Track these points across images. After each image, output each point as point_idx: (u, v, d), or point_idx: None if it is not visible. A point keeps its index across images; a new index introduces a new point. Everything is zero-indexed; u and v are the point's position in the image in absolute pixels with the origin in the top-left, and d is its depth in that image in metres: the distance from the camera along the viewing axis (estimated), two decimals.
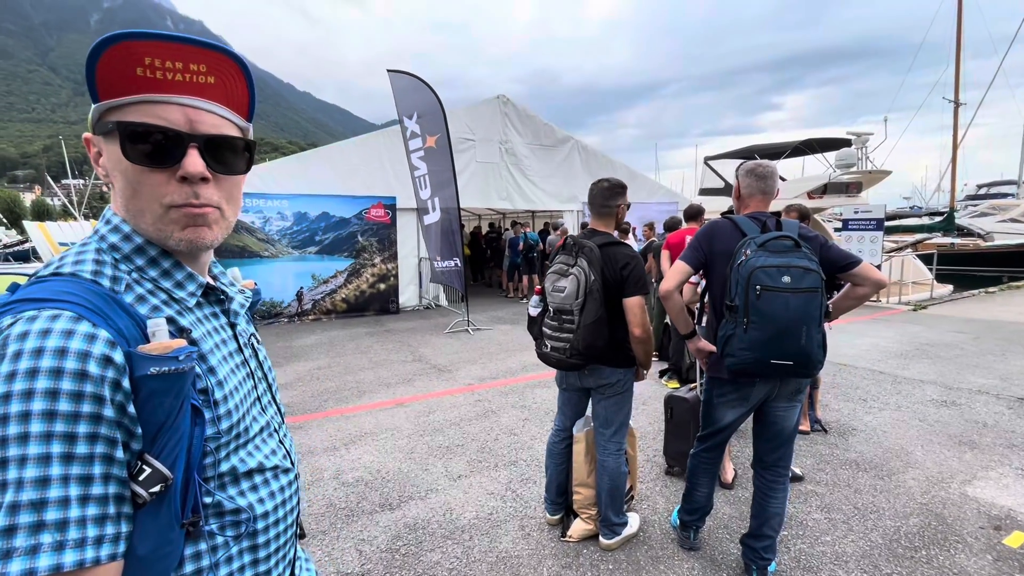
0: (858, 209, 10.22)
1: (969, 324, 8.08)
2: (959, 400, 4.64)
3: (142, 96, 0.62)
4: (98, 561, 0.52)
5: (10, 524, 0.48)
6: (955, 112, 19.01)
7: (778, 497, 2.28)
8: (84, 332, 0.54)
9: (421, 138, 8.37)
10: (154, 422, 0.57)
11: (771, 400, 2.22)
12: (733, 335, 2.03)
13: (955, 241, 18.07)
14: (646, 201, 12.45)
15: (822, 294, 1.95)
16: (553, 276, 2.44)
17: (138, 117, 0.62)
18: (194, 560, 0.64)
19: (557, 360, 2.41)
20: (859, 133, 16.35)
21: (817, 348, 1.97)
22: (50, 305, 0.55)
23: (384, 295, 9.72)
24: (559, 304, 2.37)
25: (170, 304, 0.68)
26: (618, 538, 2.58)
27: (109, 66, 0.60)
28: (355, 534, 2.74)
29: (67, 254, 0.65)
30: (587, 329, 2.27)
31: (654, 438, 3.89)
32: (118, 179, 0.65)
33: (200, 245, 0.68)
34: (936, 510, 2.89)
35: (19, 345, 0.51)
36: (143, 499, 0.56)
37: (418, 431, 4.13)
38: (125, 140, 0.61)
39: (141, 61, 0.60)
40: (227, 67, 0.65)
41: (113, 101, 0.62)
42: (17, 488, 0.49)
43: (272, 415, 0.80)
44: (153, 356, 0.57)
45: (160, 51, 0.60)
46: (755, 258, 1.97)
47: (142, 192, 0.64)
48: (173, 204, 0.65)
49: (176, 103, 0.63)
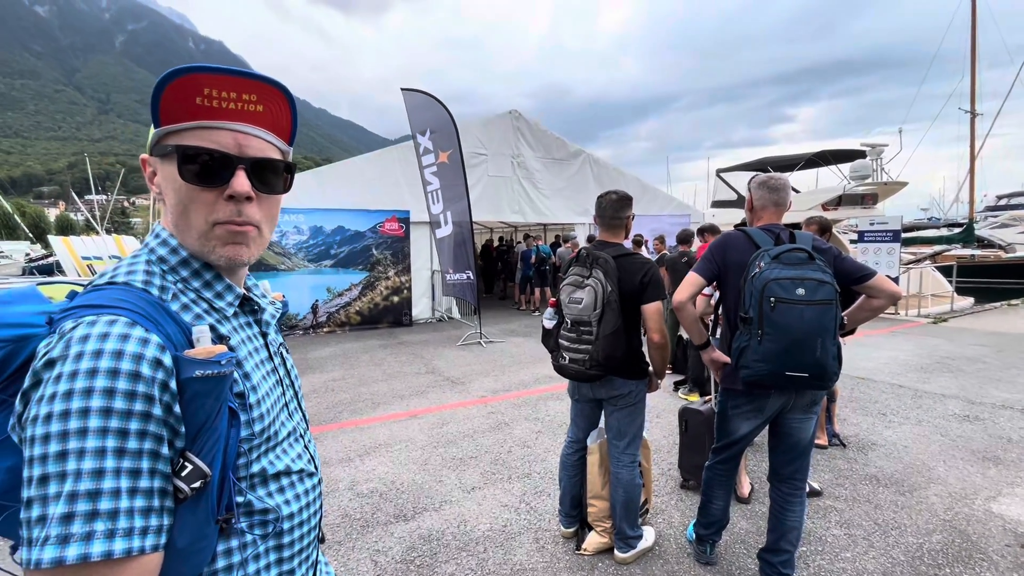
0: (874, 221, 10.12)
1: (991, 337, 7.91)
2: (982, 415, 4.54)
3: (198, 122, 0.67)
4: (143, 551, 0.55)
5: (69, 511, 0.52)
6: (971, 122, 18.80)
7: (795, 511, 2.26)
8: (138, 336, 0.58)
9: (434, 154, 8.50)
10: (196, 422, 0.61)
11: (786, 412, 2.21)
12: (747, 347, 2.03)
13: (975, 253, 17.74)
14: (658, 214, 12.46)
15: (837, 306, 1.94)
16: (568, 288, 2.46)
17: (193, 141, 0.68)
18: (225, 556, 0.67)
19: (575, 372, 2.42)
20: (873, 144, 16.19)
21: (832, 360, 1.96)
22: (108, 311, 0.59)
23: (398, 308, 9.80)
24: (576, 316, 2.38)
25: (211, 313, 0.73)
26: (633, 551, 2.56)
27: (173, 95, 0.65)
28: (370, 544, 2.76)
29: (120, 264, 0.70)
30: (606, 340, 2.29)
31: (669, 451, 3.87)
32: (170, 197, 0.70)
33: (238, 262, 0.73)
34: (960, 527, 2.83)
35: (81, 347, 0.56)
36: (184, 494, 0.59)
37: (432, 443, 4.14)
38: (181, 161, 0.67)
39: (201, 91, 0.66)
40: (274, 96, 0.71)
41: (173, 126, 0.67)
42: (76, 478, 0.52)
43: (298, 421, 0.84)
44: (198, 360, 0.61)
45: (218, 83, 0.66)
46: (769, 270, 1.97)
47: (191, 209, 0.70)
48: (219, 221, 0.70)
49: (227, 128, 0.69)
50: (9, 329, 0.64)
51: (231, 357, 0.65)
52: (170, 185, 0.70)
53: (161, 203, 0.73)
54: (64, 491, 0.52)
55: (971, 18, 18.62)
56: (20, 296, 0.69)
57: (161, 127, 0.67)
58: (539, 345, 7.76)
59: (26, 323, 0.65)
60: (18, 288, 0.71)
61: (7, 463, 0.62)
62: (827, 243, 2.20)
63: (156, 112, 0.66)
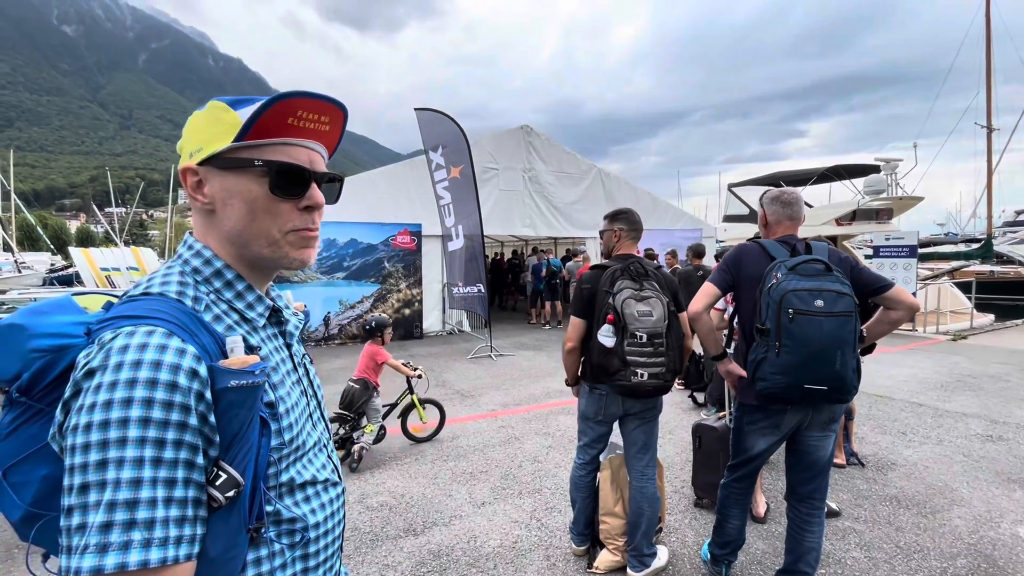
0: (890, 236, 9.99)
1: (1013, 355, 7.72)
2: (1006, 435, 4.41)
3: (282, 140, 0.71)
4: (177, 560, 0.56)
5: (107, 520, 0.53)
6: (988, 137, 18.60)
7: (814, 531, 2.20)
8: (175, 347, 0.59)
9: (446, 169, 8.60)
10: (230, 432, 0.62)
11: (804, 429, 2.16)
12: (765, 359, 1.99)
13: (994, 269, 17.41)
14: (669, 228, 12.42)
15: (856, 318, 1.91)
16: (631, 302, 2.32)
17: (276, 156, 0.71)
18: (255, 565, 0.67)
19: (655, 387, 2.31)
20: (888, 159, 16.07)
21: (852, 373, 1.92)
22: (145, 322, 0.61)
23: (409, 320, 9.83)
24: (652, 329, 2.28)
25: (242, 324, 0.74)
26: (648, 570, 2.51)
27: (271, 115, 0.68)
28: (380, 559, 2.73)
29: (154, 275, 0.71)
30: (678, 349, 2.35)
31: (681, 468, 3.80)
32: (238, 207, 0.71)
33: (308, 263, 0.78)
34: (985, 551, 2.74)
35: (120, 357, 0.57)
36: (219, 502, 0.60)
37: (442, 456, 4.12)
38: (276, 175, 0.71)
39: (295, 113, 0.70)
40: (339, 118, 0.76)
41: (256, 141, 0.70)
42: (115, 487, 0.53)
43: (321, 431, 0.84)
44: (233, 370, 0.62)
45: (311, 107, 0.71)
46: (786, 281, 1.94)
47: (265, 218, 0.72)
48: (295, 229, 0.74)
49: (303, 146, 0.74)
50: (48, 339, 0.65)
51: (264, 367, 0.66)
52: (239, 196, 0.71)
53: (206, 214, 0.73)
54: (104, 500, 0.53)
55: (986, 32, 18.54)
56: (56, 306, 0.70)
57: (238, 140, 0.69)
58: (550, 359, 7.73)
59: (65, 333, 0.66)
60: (54, 298, 0.73)
61: (43, 471, 0.63)
62: (844, 253, 2.16)
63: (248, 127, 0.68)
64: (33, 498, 0.63)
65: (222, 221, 0.73)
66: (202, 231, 0.75)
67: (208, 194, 0.72)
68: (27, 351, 0.64)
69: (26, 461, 0.63)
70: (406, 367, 4.28)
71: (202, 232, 0.75)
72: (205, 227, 0.74)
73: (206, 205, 0.72)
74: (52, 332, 0.65)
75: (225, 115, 0.70)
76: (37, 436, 0.63)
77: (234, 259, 0.75)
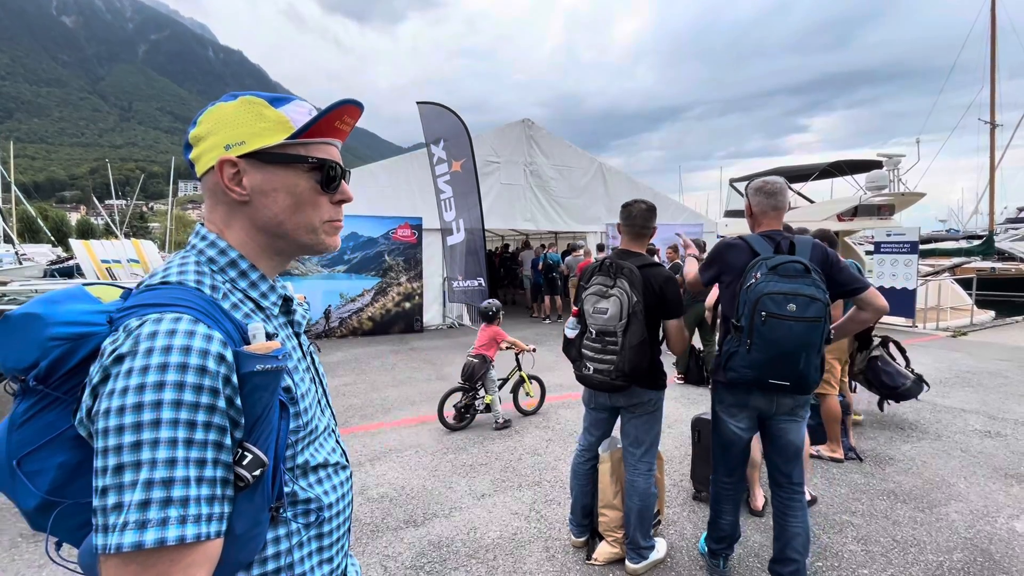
0: (891, 232, 9.98)
1: (1013, 351, 7.73)
2: (1004, 431, 4.43)
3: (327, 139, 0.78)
4: (209, 536, 0.58)
5: (145, 499, 0.55)
6: (991, 133, 18.53)
7: (797, 516, 2.27)
8: (203, 332, 0.61)
9: (447, 163, 8.58)
10: (253, 414, 0.64)
11: (773, 416, 2.27)
12: (736, 353, 2.13)
13: (996, 266, 17.40)
14: (670, 223, 12.40)
15: (825, 322, 2.01)
16: (592, 297, 2.44)
17: (320, 154, 0.77)
18: (274, 544, 0.70)
19: (600, 382, 2.40)
20: (890, 155, 15.98)
21: (814, 371, 2.06)
22: (171, 309, 0.62)
23: (409, 314, 9.85)
24: (602, 326, 2.37)
25: (257, 312, 0.76)
26: (645, 562, 2.53)
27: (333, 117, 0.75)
28: (380, 550, 2.76)
29: (170, 264, 0.73)
30: (632, 351, 2.29)
31: (680, 462, 3.82)
32: (283, 199, 0.75)
33: (337, 247, 0.84)
34: (982, 545, 2.76)
35: (150, 343, 0.58)
36: (245, 481, 0.62)
37: (442, 449, 4.14)
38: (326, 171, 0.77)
39: (343, 117, 0.77)
40: (357, 118, 0.82)
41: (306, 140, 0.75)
42: (151, 467, 0.55)
43: (329, 417, 0.87)
44: (257, 355, 0.64)
45: (354, 113, 0.78)
46: (764, 283, 2.04)
47: (308, 209, 0.77)
48: (331, 219, 0.81)
49: (334, 144, 0.80)
50: (67, 327, 0.66)
51: (285, 352, 0.69)
52: (285, 189, 0.75)
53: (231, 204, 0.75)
54: (140, 479, 0.55)
55: (990, 28, 18.42)
56: (70, 296, 0.71)
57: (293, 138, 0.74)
58: (550, 353, 7.74)
59: (85, 321, 0.67)
60: (66, 288, 0.73)
61: (60, 459, 0.64)
62: (830, 250, 2.24)
63: (308, 125, 0.73)
64: (50, 486, 0.64)
65: (259, 212, 0.75)
66: (222, 222, 0.76)
67: (247, 186, 0.74)
68: (45, 339, 0.65)
69: (43, 449, 0.64)
70: (521, 344, 4.87)
71: (222, 222, 0.76)
72: (228, 217, 0.76)
73: (242, 196, 0.74)
74: (71, 320, 0.66)
75: (267, 111, 0.73)
76: (54, 424, 0.64)
77: (261, 248, 0.78)
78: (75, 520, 0.66)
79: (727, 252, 2.32)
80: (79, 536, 0.68)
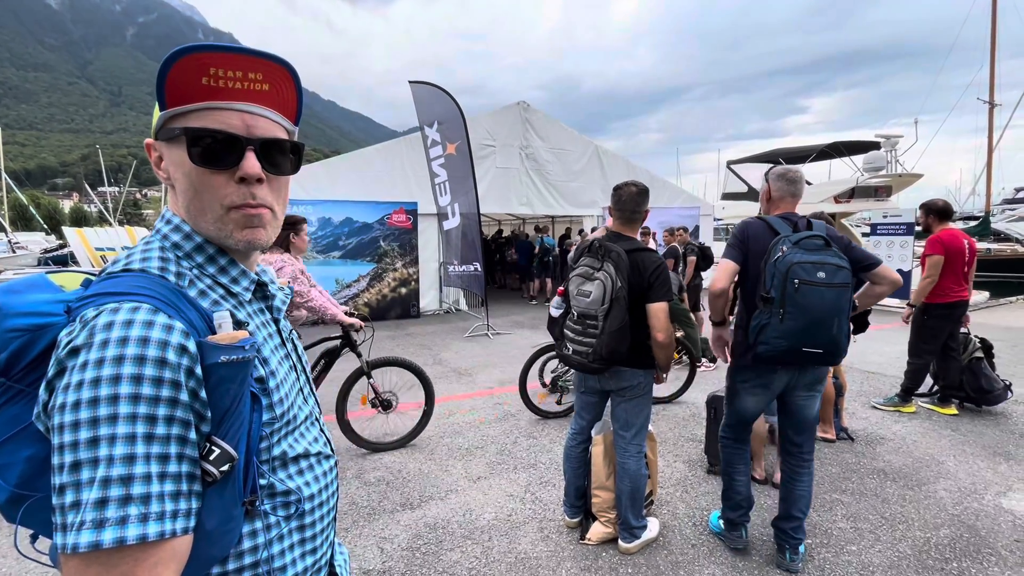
0: (887, 213, 9.97)
1: (1006, 332, 7.79)
2: (994, 409, 4.48)
3: (206, 103, 0.66)
4: (175, 533, 0.56)
5: (102, 496, 0.53)
6: (990, 113, 18.41)
7: (803, 481, 2.42)
8: (162, 323, 0.58)
9: (441, 145, 8.48)
10: (221, 407, 0.62)
11: (792, 390, 2.36)
12: (768, 324, 2.16)
13: (991, 247, 17.43)
14: (667, 206, 12.35)
15: (852, 289, 2.11)
16: (577, 279, 2.44)
17: (201, 123, 0.66)
18: (251, 537, 0.68)
19: (579, 363, 2.43)
20: (888, 135, 15.91)
21: (844, 338, 2.13)
22: (129, 298, 0.59)
23: (405, 299, 9.84)
24: (584, 309, 2.38)
25: (227, 299, 0.72)
26: (638, 542, 2.57)
27: (178, 76, 0.64)
28: (377, 532, 2.79)
29: (133, 251, 0.69)
30: (611, 335, 2.28)
31: (674, 444, 3.86)
32: (180, 181, 0.69)
33: (256, 245, 0.73)
34: (968, 522, 2.81)
35: (106, 334, 0.56)
36: (213, 477, 0.60)
37: (438, 433, 4.17)
38: (190, 143, 0.66)
39: (207, 71, 0.64)
40: (280, 75, 0.69)
41: (179, 108, 0.66)
42: (108, 464, 0.53)
43: (312, 405, 0.85)
44: (222, 345, 0.61)
45: (224, 61, 0.65)
46: (792, 254, 2.11)
47: (204, 193, 0.68)
48: (233, 205, 0.69)
49: (235, 109, 0.68)
50: (24, 318, 0.63)
51: (254, 342, 0.65)
52: (179, 169, 0.68)
53: (171, 188, 0.72)
54: (97, 477, 0.53)
55: (992, 6, 18.17)
56: (30, 285, 0.68)
57: (167, 109, 0.66)
58: (546, 337, 7.77)
59: (42, 312, 0.64)
60: (26, 277, 0.70)
61: (27, 452, 0.62)
62: (839, 232, 2.33)
63: (162, 94, 0.64)
64: (18, 479, 0.62)
65: (178, 196, 0.71)
66: (174, 206, 0.73)
67: (165, 168, 0.70)
68: (3, 331, 0.62)
69: (9, 443, 0.62)
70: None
71: (174, 207, 0.73)
72: (174, 202, 0.73)
73: (167, 180, 0.71)
74: (28, 311, 0.63)
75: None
76: (19, 417, 0.62)
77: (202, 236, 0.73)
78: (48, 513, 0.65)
79: (749, 232, 2.38)
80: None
